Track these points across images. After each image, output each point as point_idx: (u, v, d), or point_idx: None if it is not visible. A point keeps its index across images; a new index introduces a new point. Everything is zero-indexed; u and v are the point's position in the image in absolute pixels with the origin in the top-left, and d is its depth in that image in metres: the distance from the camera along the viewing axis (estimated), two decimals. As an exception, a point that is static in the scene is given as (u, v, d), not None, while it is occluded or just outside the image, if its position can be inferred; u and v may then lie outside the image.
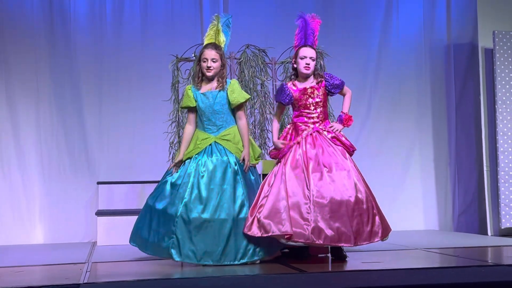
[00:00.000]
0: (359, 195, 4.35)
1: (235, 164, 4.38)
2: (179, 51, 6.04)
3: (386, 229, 4.44)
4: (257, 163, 4.60)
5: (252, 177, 4.48)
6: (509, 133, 6.74)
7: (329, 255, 4.67)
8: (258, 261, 4.31)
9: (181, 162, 4.47)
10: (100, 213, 6.38)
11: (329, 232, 4.21)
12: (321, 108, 4.60)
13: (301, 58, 4.57)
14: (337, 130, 4.56)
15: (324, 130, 4.56)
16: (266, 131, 6.08)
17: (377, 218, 4.40)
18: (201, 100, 4.48)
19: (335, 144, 4.53)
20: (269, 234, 4.21)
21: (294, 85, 4.63)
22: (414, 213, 7.35)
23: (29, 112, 6.84)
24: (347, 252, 4.62)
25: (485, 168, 6.97)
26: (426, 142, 7.52)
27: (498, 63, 6.77)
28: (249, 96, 4.70)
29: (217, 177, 4.32)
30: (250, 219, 4.28)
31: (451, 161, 7.50)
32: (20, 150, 6.79)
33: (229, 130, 4.46)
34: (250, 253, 4.25)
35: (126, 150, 6.98)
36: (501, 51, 6.78)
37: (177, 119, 5.93)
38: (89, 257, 5.11)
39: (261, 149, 5.97)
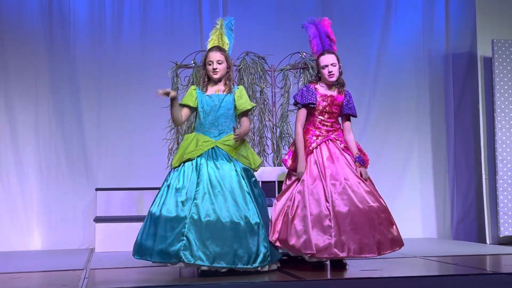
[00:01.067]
0: (377, 204, 4.32)
1: (241, 170, 4.34)
2: (179, 58, 6.05)
3: (401, 237, 4.43)
4: (256, 170, 4.54)
5: (254, 182, 4.43)
6: (508, 142, 6.75)
7: (328, 262, 4.66)
8: (267, 267, 4.24)
9: (173, 96, 4.32)
10: (98, 219, 6.37)
11: (351, 244, 4.19)
12: (335, 119, 4.56)
13: (323, 68, 4.50)
14: (366, 173, 4.49)
15: (337, 140, 4.52)
16: (265, 138, 6.09)
17: (394, 226, 4.38)
18: (206, 102, 4.40)
19: (347, 153, 4.50)
20: (293, 252, 4.27)
21: (316, 89, 4.55)
22: (412, 221, 7.34)
23: (27, 118, 6.84)
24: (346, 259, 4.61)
25: (483, 176, 6.97)
26: (424, 150, 7.53)
27: (497, 71, 6.78)
28: (255, 105, 4.67)
29: (226, 180, 4.24)
30: (273, 233, 4.28)
31: (450, 169, 7.50)
32: (19, 156, 6.79)
33: (230, 136, 4.39)
34: (261, 258, 4.16)
35: (125, 156, 6.98)
36: (500, 60, 6.79)
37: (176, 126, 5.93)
38: (87, 264, 5.10)
39: (260, 156, 5.97)
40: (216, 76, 4.43)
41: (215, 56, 4.43)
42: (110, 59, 7.03)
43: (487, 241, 6.83)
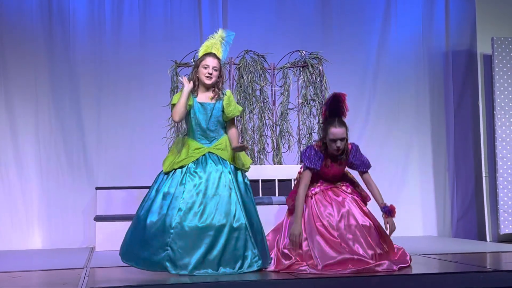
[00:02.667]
0: (370, 251, 4.25)
1: (229, 173, 4.31)
2: (178, 57, 6.05)
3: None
4: (247, 171, 4.51)
5: (244, 186, 4.40)
6: (508, 139, 6.75)
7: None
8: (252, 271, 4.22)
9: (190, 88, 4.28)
10: (98, 218, 6.37)
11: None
12: (339, 176, 4.53)
13: (332, 141, 4.34)
14: (393, 224, 4.41)
15: (342, 186, 4.49)
16: (265, 136, 6.09)
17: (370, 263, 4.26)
18: (198, 109, 4.35)
19: (353, 194, 4.47)
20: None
21: (322, 153, 4.42)
22: (413, 219, 7.35)
23: (27, 117, 6.85)
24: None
25: (483, 174, 6.98)
26: (424, 148, 7.53)
27: (496, 69, 6.78)
28: (242, 109, 4.63)
29: (213, 185, 4.21)
30: (275, 254, 4.29)
31: (450, 167, 7.50)
32: (19, 155, 6.79)
33: (221, 140, 4.36)
34: (248, 262, 4.14)
35: (125, 155, 6.98)
36: (500, 57, 6.79)
37: (176, 125, 5.93)
38: (88, 263, 5.10)
39: (260, 154, 5.98)
40: (208, 82, 4.34)
41: (213, 62, 4.35)
42: (109, 58, 7.03)
43: (487, 239, 6.84)
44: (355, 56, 7.37)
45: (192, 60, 6.00)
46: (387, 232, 4.39)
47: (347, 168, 4.56)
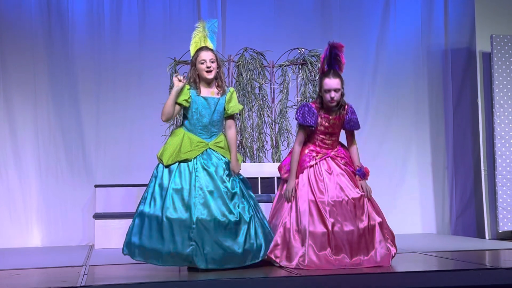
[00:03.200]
0: (353, 228, 4.26)
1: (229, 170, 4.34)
2: (177, 54, 6.04)
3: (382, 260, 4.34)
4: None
5: (243, 182, 4.42)
6: (507, 137, 6.75)
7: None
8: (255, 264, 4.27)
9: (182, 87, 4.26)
10: (97, 216, 6.37)
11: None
12: (336, 137, 4.51)
13: (326, 91, 4.36)
14: (367, 186, 4.43)
15: (338, 156, 4.48)
16: (264, 134, 6.09)
17: (375, 248, 4.30)
18: (202, 104, 4.32)
19: (347, 168, 4.47)
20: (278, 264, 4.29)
21: (318, 109, 4.44)
22: (412, 217, 7.35)
23: (26, 114, 6.84)
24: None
25: (482, 172, 6.98)
26: (423, 145, 7.53)
27: (495, 66, 6.78)
28: (242, 107, 4.63)
29: (225, 181, 4.24)
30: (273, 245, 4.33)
31: (449, 164, 7.50)
32: (18, 152, 6.79)
33: (220, 137, 4.37)
34: (263, 251, 4.22)
35: (124, 153, 6.98)
36: (499, 55, 6.79)
37: (175, 122, 5.93)
38: (87, 260, 5.10)
39: (260, 152, 5.98)
40: (210, 76, 4.32)
41: (207, 55, 4.32)
42: (108, 55, 7.03)
43: (486, 236, 6.84)
44: (354, 53, 7.36)
45: (191, 58, 5.99)
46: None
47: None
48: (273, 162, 6.10)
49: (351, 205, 4.32)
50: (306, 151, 4.46)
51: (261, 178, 5.53)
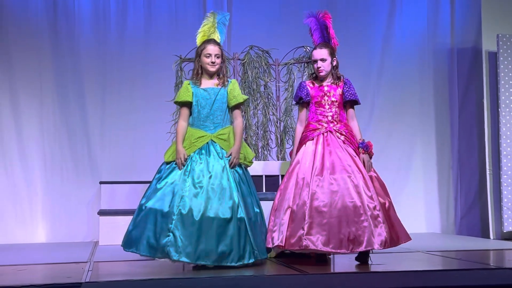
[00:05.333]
0: (358, 202, 4.28)
1: (233, 167, 4.32)
2: (183, 52, 6.04)
3: (392, 240, 4.32)
4: (250, 165, 4.51)
5: (245, 178, 4.40)
6: (512, 137, 6.74)
7: (331, 256, 4.67)
8: (252, 264, 4.22)
9: (185, 158, 4.29)
10: (102, 212, 6.38)
11: (322, 239, 4.18)
12: (337, 108, 4.53)
13: (314, 62, 4.55)
14: (369, 161, 4.48)
15: (337, 132, 4.50)
16: (269, 132, 6.08)
17: (381, 225, 4.26)
18: (202, 95, 4.35)
19: (346, 144, 4.48)
20: (269, 245, 4.32)
21: (312, 83, 4.60)
22: (416, 216, 7.34)
23: (32, 112, 6.86)
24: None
25: (487, 171, 6.97)
26: (428, 145, 7.52)
27: (501, 66, 6.77)
28: (247, 97, 4.65)
29: (216, 178, 4.21)
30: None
31: (454, 164, 7.49)
32: (23, 149, 6.81)
33: (225, 129, 4.37)
34: (247, 254, 4.16)
35: (129, 150, 7.00)
36: (505, 55, 6.77)
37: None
38: (91, 257, 5.12)
39: (264, 150, 5.98)
40: (213, 70, 4.36)
41: (214, 49, 4.36)
42: (114, 53, 7.04)
43: (491, 236, 6.83)
44: (360, 52, 7.36)
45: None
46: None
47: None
48: (278, 160, 6.09)
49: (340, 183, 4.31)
50: (306, 129, 4.53)
51: (266, 176, 5.52)
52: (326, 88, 4.53)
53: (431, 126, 7.53)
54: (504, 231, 6.69)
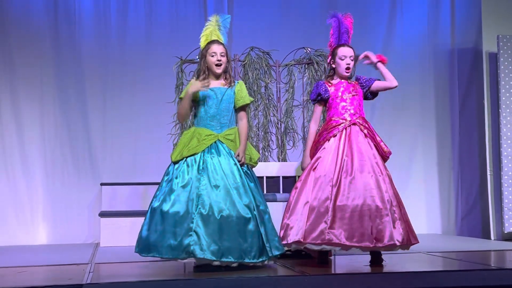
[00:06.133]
0: (380, 199, 4.27)
1: (236, 165, 4.32)
2: (184, 53, 6.05)
3: (408, 239, 4.32)
4: (255, 166, 4.51)
5: (252, 178, 4.40)
6: (513, 137, 6.74)
7: (332, 257, 4.68)
8: (268, 260, 4.22)
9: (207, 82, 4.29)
10: (103, 214, 6.39)
11: (345, 233, 4.18)
12: (358, 101, 4.54)
13: (341, 59, 4.51)
14: (370, 57, 4.55)
15: (361, 124, 4.49)
16: (269, 133, 6.09)
17: (399, 223, 4.28)
18: (208, 95, 4.34)
19: (368, 138, 4.47)
20: (284, 242, 4.31)
21: (329, 82, 4.58)
22: (417, 217, 7.31)
23: (33, 114, 6.87)
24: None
25: (488, 172, 6.96)
26: (429, 146, 7.52)
27: (502, 67, 6.77)
28: (253, 99, 4.66)
29: (228, 176, 4.21)
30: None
31: (455, 165, 7.49)
32: (24, 151, 6.81)
33: (231, 130, 4.36)
34: (265, 251, 4.15)
35: (130, 151, 7.00)
36: (505, 55, 6.77)
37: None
38: (92, 258, 5.12)
39: (265, 151, 5.98)
40: (219, 70, 4.36)
41: (219, 48, 4.36)
42: (115, 55, 7.05)
43: (492, 237, 6.83)
44: (360, 52, 7.34)
45: (197, 57, 6.00)
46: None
47: None
48: (279, 161, 6.10)
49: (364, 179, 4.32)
50: (330, 124, 4.50)
51: (267, 177, 5.52)
52: (344, 84, 4.54)
53: (432, 127, 7.53)
54: (505, 232, 6.69)
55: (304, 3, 7.38)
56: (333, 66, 4.56)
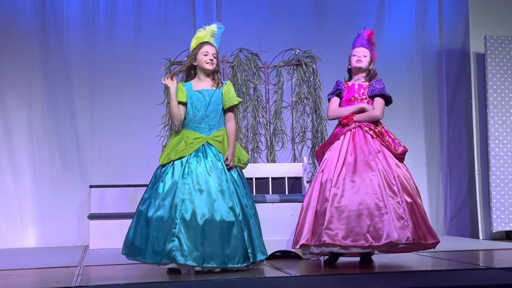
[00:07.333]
0: (379, 197, 4.28)
1: (224, 168, 4.30)
2: (172, 55, 6.04)
3: (419, 238, 4.29)
4: (244, 167, 4.50)
5: (240, 180, 4.39)
6: (500, 137, 6.78)
7: (321, 258, 4.68)
8: (253, 265, 4.21)
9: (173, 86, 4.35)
10: (92, 216, 6.37)
11: (341, 233, 4.20)
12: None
13: (353, 56, 4.75)
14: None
15: (366, 126, 4.58)
16: (258, 134, 6.09)
17: (404, 222, 4.25)
18: (196, 97, 4.35)
19: (374, 139, 4.53)
20: (297, 246, 4.38)
21: (346, 83, 4.77)
22: (406, 217, 7.35)
23: (21, 116, 6.84)
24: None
25: (476, 172, 7.00)
26: (418, 146, 7.54)
27: (489, 67, 6.81)
28: (242, 100, 4.66)
29: (214, 179, 4.19)
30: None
31: (443, 165, 7.52)
32: (12, 153, 6.78)
33: (220, 131, 4.36)
34: (251, 256, 4.14)
35: (119, 153, 6.98)
36: (493, 56, 6.81)
37: (169, 123, 5.92)
38: (81, 261, 5.10)
39: (254, 152, 5.98)
40: (211, 67, 4.36)
41: (212, 49, 4.40)
42: (103, 57, 7.03)
43: (480, 237, 6.86)
44: (349, 53, 7.35)
45: (186, 58, 5.99)
46: None
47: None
48: (268, 162, 6.10)
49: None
50: (336, 126, 4.66)
51: (256, 178, 5.52)
52: (356, 87, 4.68)
53: (420, 127, 7.56)
54: (493, 231, 6.73)
55: (293, 4, 7.39)
56: (349, 67, 4.80)
